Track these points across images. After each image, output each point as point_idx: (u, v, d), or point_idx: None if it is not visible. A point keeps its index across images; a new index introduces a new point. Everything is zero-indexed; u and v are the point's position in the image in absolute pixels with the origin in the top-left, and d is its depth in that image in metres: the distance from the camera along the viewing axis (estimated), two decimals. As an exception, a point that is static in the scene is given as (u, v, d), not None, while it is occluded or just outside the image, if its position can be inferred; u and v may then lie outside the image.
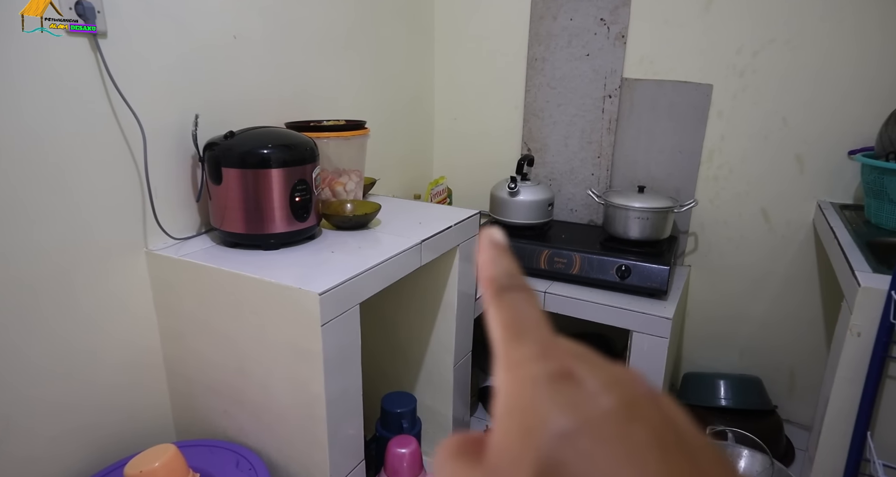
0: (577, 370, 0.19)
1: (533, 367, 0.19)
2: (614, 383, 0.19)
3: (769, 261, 1.80)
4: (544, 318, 0.22)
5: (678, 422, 0.19)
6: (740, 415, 1.69)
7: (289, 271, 1.01)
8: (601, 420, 0.17)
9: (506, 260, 0.24)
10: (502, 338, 0.21)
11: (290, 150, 1.08)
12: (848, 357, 1.07)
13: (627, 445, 0.17)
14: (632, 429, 0.17)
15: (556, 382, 0.19)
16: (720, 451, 0.19)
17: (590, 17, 1.80)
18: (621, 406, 0.18)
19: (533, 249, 1.70)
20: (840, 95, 1.60)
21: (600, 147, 1.88)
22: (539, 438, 0.17)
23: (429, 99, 2.09)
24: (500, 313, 0.22)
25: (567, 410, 0.18)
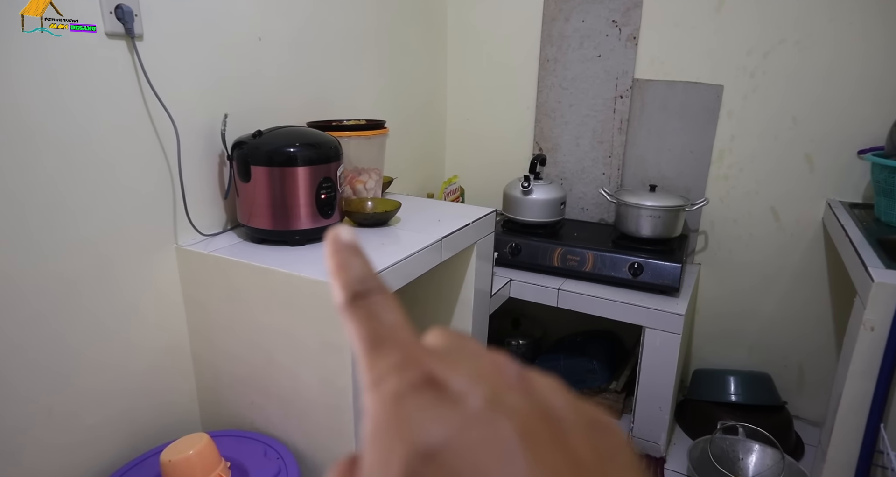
0: (439, 373, 0.18)
1: (393, 380, 0.18)
2: (480, 377, 0.18)
3: (778, 259, 1.82)
4: (404, 320, 0.20)
5: (549, 402, 0.18)
6: (750, 411, 1.72)
7: (316, 266, 1.04)
8: (466, 427, 0.16)
9: (357, 262, 0.22)
10: (362, 352, 0.19)
11: (316, 149, 1.11)
12: (861, 351, 1.10)
13: (494, 448, 0.16)
14: (497, 428, 0.16)
15: (417, 392, 0.18)
16: (595, 415, 0.18)
17: (601, 19, 1.83)
18: (487, 404, 0.17)
19: (546, 246, 1.73)
20: (849, 95, 1.63)
21: (611, 147, 1.91)
22: (402, 463, 0.16)
23: (442, 100, 2.12)
24: (356, 325, 0.20)
25: (430, 424, 0.17)
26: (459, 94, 2.12)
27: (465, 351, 0.20)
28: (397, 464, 0.16)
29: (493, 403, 0.17)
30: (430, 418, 0.17)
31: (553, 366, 1.88)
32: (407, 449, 0.16)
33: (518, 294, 1.73)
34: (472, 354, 0.19)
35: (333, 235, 0.22)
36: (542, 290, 1.69)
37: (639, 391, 1.62)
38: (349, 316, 0.20)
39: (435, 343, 0.20)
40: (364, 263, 0.22)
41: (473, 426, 0.16)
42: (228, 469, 1.00)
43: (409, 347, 0.19)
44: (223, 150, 1.14)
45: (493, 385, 0.18)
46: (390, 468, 0.16)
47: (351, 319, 0.20)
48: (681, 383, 1.97)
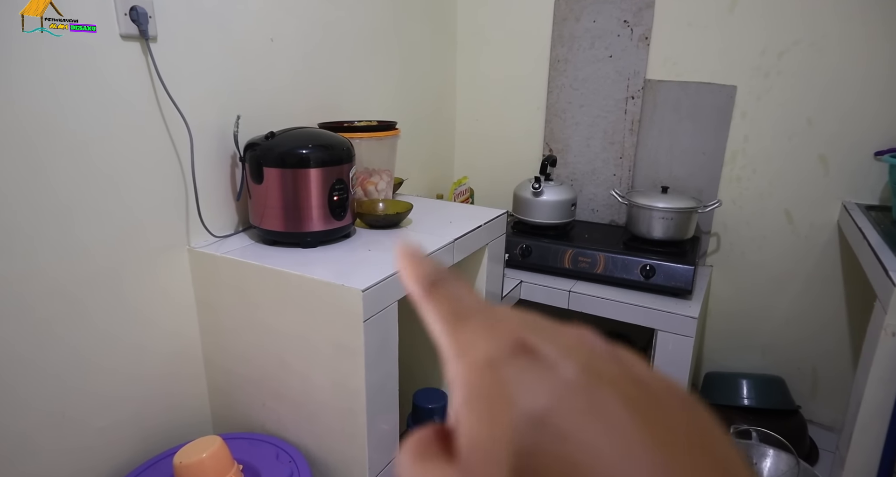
0: (530, 340, 0.18)
1: (484, 346, 0.18)
2: (570, 348, 0.18)
3: (792, 261, 1.80)
4: (483, 298, 0.21)
5: (639, 373, 0.18)
6: (763, 415, 1.70)
7: (328, 269, 1.03)
8: (568, 392, 0.16)
9: (427, 261, 0.23)
10: (445, 328, 0.20)
11: (328, 151, 1.11)
12: (882, 357, 1.08)
13: (601, 415, 0.16)
14: (601, 395, 0.16)
15: (512, 358, 0.17)
16: (683, 391, 0.18)
17: (613, 19, 1.81)
18: (583, 372, 0.17)
19: (557, 248, 1.72)
20: (865, 95, 1.61)
21: (622, 148, 1.90)
22: (508, 425, 0.16)
23: (451, 100, 2.11)
24: (438, 306, 0.20)
25: (532, 387, 0.16)
26: (469, 94, 2.11)
27: (546, 324, 0.20)
28: (504, 429, 0.16)
29: (588, 371, 0.17)
30: (531, 383, 0.17)
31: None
32: (513, 413, 0.16)
33: (529, 296, 1.72)
34: (554, 328, 0.19)
35: (401, 242, 0.24)
36: (552, 292, 1.68)
37: (651, 395, 1.61)
38: (429, 301, 0.21)
39: (517, 316, 0.20)
40: (432, 261, 0.23)
41: (576, 392, 0.16)
42: (241, 472, 0.99)
43: (495, 319, 0.19)
44: (235, 151, 1.14)
45: (584, 354, 0.18)
46: (496, 434, 0.16)
47: (431, 304, 0.21)
48: (692, 387, 1.95)
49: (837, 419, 1.87)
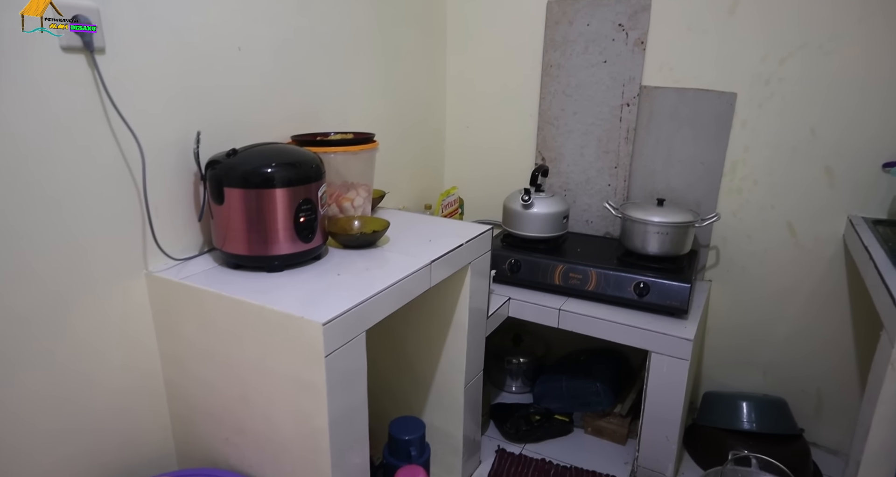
0: None
1: None
2: None
3: (795, 277, 1.72)
4: None
5: None
6: (764, 439, 1.62)
7: (293, 296, 0.96)
8: None
9: None
10: None
11: (294, 169, 1.04)
12: (890, 394, 1.00)
13: None
14: None
15: None
16: None
17: (607, 23, 1.73)
18: None
19: (548, 263, 1.64)
20: (873, 104, 1.52)
21: (617, 157, 1.82)
22: None
23: (441, 107, 2.03)
24: None
25: None
26: (459, 101, 2.04)
27: None
28: None
29: None
30: None
31: (556, 387, 1.80)
32: None
33: (517, 314, 1.64)
34: None
35: None
36: (542, 310, 1.60)
37: (644, 419, 1.53)
38: None
39: None
40: None
41: None
42: (196, 516, 0.93)
43: None
44: (198, 169, 1.07)
45: None
46: None
47: None
48: (690, 405, 1.87)
49: (842, 442, 1.79)
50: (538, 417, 1.74)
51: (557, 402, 1.79)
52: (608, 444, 1.74)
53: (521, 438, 1.72)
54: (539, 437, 1.73)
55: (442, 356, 1.47)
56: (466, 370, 1.44)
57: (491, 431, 1.77)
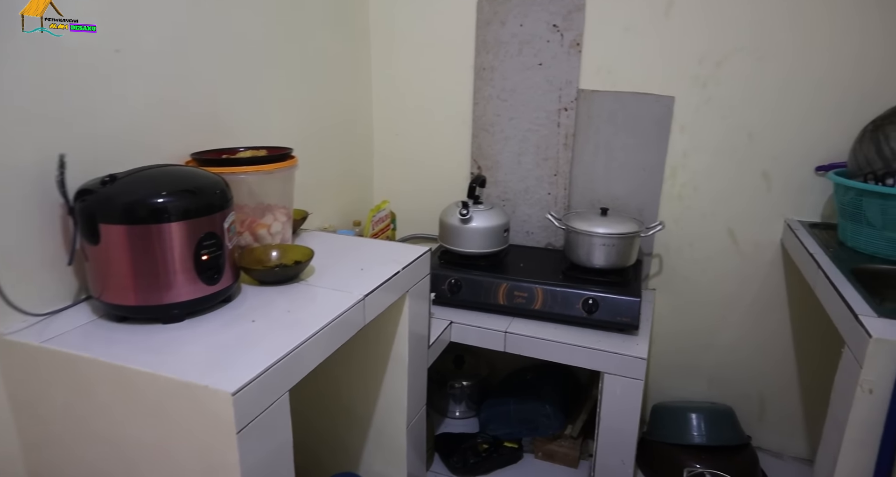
0: None
1: None
2: None
3: (736, 283, 1.70)
4: None
5: None
6: (715, 451, 1.58)
7: (195, 355, 0.78)
8: None
9: None
10: None
11: (192, 197, 0.85)
12: (859, 417, 0.95)
13: None
14: None
15: None
16: None
17: (541, 23, 1.64)
18: None
19: (490, 282, 1.52)
20: (806, 108, 1.51)
21: (557, 164, 1.73)
22: None
23: (366, 114, 1.87)
24: None
25: None
26: (387, 107, 1.88)
27: None
28: None
29: None
30: None
31: (503, 411, 1.68)
32: None
33: (460, 338, 1.51)
34: None
35: None
36: (487, 333, 1.48)
37: (599, 444, 1.45)
38: None
39: None
40: None
41: None
42: None
43: None
44: (65, 201, 0.86)
45: None
46: None
47: None
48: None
49: (785, 445, 1.79)
50: (486, 447, 1.62)
51: (505, 427, 1.67)
52: (560, 468, 1.65)
53: (469, 471, 1.59)
54: (488, 468, 1.61)
55: (381, 394, 1.31)
56: (408, 408, 1.30)
57: (436, 466, 1.64)
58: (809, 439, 1.77)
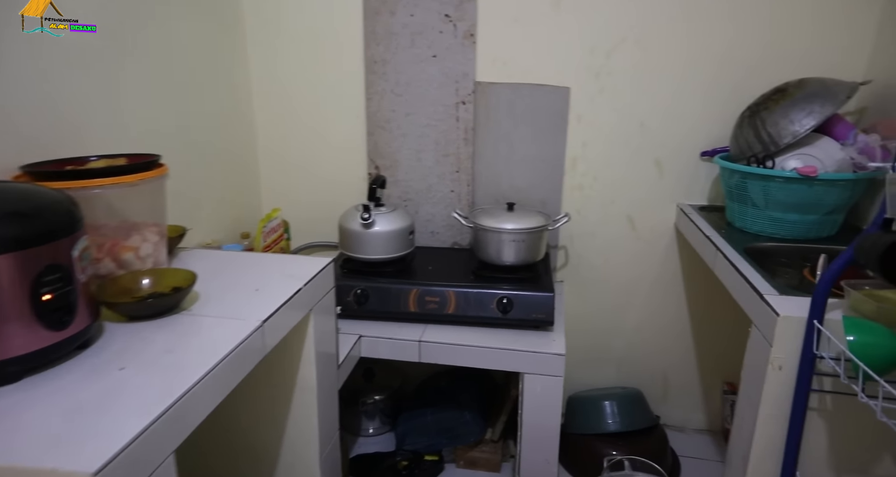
0: None
1: None
2: None
3: (637, 268, 1.74)
4: None
5: None
6: (629, 436, 1.60)
7: (40, 425, 0.61)
8: None
9: None
10: None
11: (22, 222, 0.67)
12: (771, 394, 0.98)
13: None
14: None
15: None
16: None
17: (433, 13, 1.56)
18: None
19: (399, 289, 1.43)
20: (688, 96, 1.57)
21: (458, 160, 1.66)
22: None
23: (247, 114, 1.69)
24: None
25: None
26: (270, 105, 1.71)
27: None
28: None
29: None
30: None
31: (421, 424, 1.60)
32: None
33: (371, 353, 1.40)
34: None
35: None
36: (399, 344, 1.39)
37: (522, 446, 1.41)
38: None
39: None
40: None
41: None
42: None
43: None
44: None
45: None
46: None
47: None
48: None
49: (687, 419, 1.88)
50: (405, 463, 1.53)
51: (424, 440, 1.59)
52: (483, 474, 1.60)
53: (391, 491, 1.49)
54: (411, 485, 1.52)
55: (288, 426, 1.17)
56: (320, 438, 1.17)
57: (355, 491, 1.52)
58: (708, 412, 1.87)
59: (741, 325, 1.67)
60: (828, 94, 1.34)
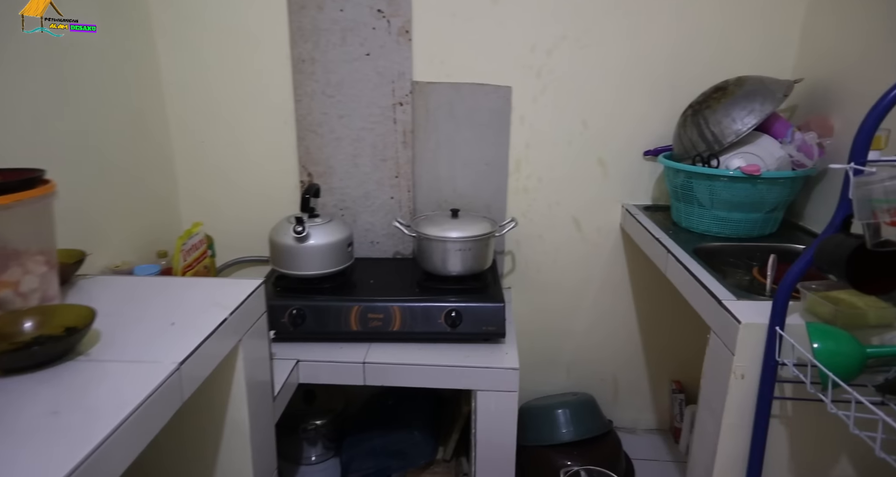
0: None
1: None
2: None
3: (585, 270, 1.71)
4: None
5: None
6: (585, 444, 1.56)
7: None
8: None
9: None
10: None
11: None
12: (734, 402, 0.94)
13: None
14: None
15: None
16: None
17: (364, 8, 1.45)
18: None
19: (339, 307, 1.31)
20: (628, 94, 1.54)
21: (397, 165, 1.56)
22: None
23: (159, 119, 1.52)
24: None
25: None
26: (186, 109, 1.55)
27: None
28: None
29: None
30: None
31: (367, 447, 1.49)
32: None
33: (311, 378, 1.29)
34: None
35: None
36: (342, 367, 1.27)
37: (477, 465, 1.33)
38: None
39: None
40: None
41: None
42: None
43: None
44: None
45: None
46: None
47: None
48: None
49: (638, 420, 1.87)
50: (354, 492, 1.42)
51: (371, 465, 1.48)
52: (438, 496, 1.51)
53: (338, 525, 1.38)
54: (360, 516, 1.41)
55: (218, 468, 1.04)
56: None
57: (299, 528, 1.39)
58: (657, 411, 1.86)
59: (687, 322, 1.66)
60: (766, 92, 1.34)
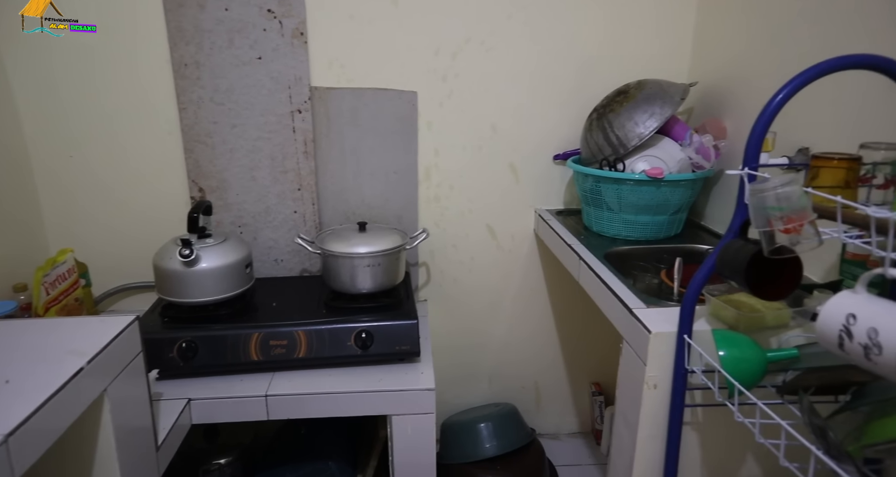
0: None
1: None
2: None
3: (501, 279, 1.67)
4: None
5: None
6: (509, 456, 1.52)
7: None
8: None
9: None
10: None
11: None
12: (649, 414, 0.93)
13: None
14: None
15: None
16: None
17: (252, 8, 1.34)
18: None
19: (236, 335, 1.19)
20: (534, 98, 1.52)
21: (299, 176, 1.46)
22: None
23: (10, 130, 1.33)
24: None
25: None
26: (45, 120, 1.36)
27: None
28: None
29: None
30: None
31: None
32: None
33: (206, 418, 1.16)
34: None
35: None
36: (242, 403, 1.16)
37: (398, 493, 1.26)
38: None
39: None
40: None
41: None
42: None
43: None
44: None
45: None
46: None
47: None
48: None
49: (560, 425, 1.86)
50: (266, 535, 1.30)
51: (286, 501, 1.37)
52: (358, 527, 1.42)
53: None
54: (272, 560, 1.29)
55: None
56: (140, 544, 0.91)
57: None
58: (578, 414, 1.87)
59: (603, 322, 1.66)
60: (665, 95, 1.36)
